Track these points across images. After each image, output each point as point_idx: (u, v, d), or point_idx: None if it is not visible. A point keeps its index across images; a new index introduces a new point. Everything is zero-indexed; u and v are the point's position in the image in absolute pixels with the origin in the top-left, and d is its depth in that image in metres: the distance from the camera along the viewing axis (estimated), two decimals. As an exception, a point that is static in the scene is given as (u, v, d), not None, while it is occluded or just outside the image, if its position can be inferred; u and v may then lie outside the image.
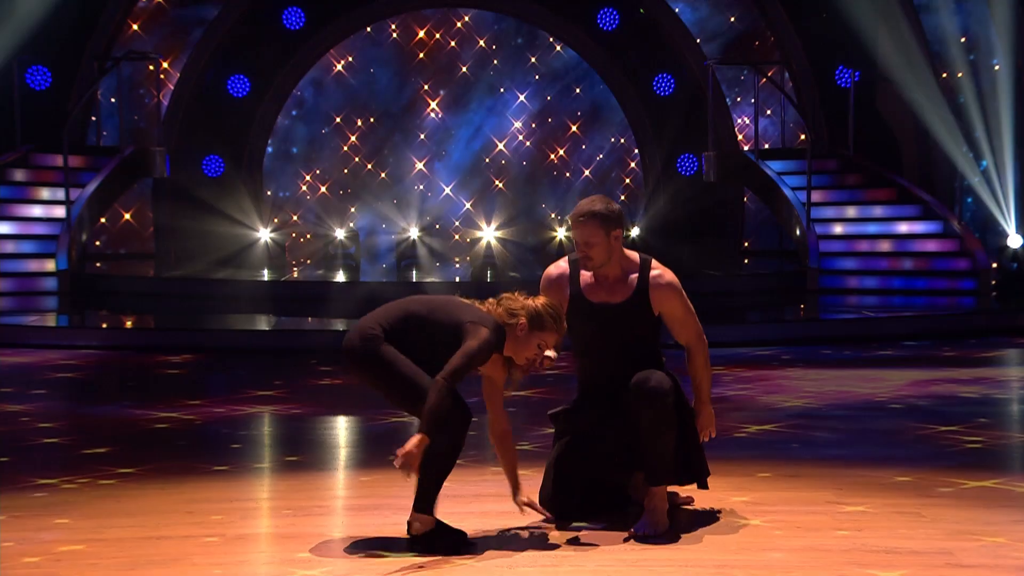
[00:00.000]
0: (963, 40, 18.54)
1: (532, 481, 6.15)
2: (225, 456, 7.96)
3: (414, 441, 5.36)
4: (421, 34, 21.12)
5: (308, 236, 20.95)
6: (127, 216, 20.19)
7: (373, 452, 8.18)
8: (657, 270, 6.10)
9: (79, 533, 5.95)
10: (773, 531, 5.89)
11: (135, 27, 19.83)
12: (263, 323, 15.03)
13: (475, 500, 6.54)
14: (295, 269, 19.17)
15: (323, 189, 21.07)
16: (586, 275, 6.08)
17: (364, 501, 6.65)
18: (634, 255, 6.11)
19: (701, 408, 6.17)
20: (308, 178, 21.07)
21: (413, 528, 5.56)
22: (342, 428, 9.20)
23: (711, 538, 5.79)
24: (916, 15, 18.37)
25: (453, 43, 21.20)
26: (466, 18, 21.06)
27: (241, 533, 5.95)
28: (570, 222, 6.11)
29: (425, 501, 5.52)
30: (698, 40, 19.93)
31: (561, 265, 6.18)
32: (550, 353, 5.83)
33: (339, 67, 21.02)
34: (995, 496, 6.63)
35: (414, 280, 17.55)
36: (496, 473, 7.19)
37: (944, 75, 18.26)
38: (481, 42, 21.14)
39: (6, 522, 6.21)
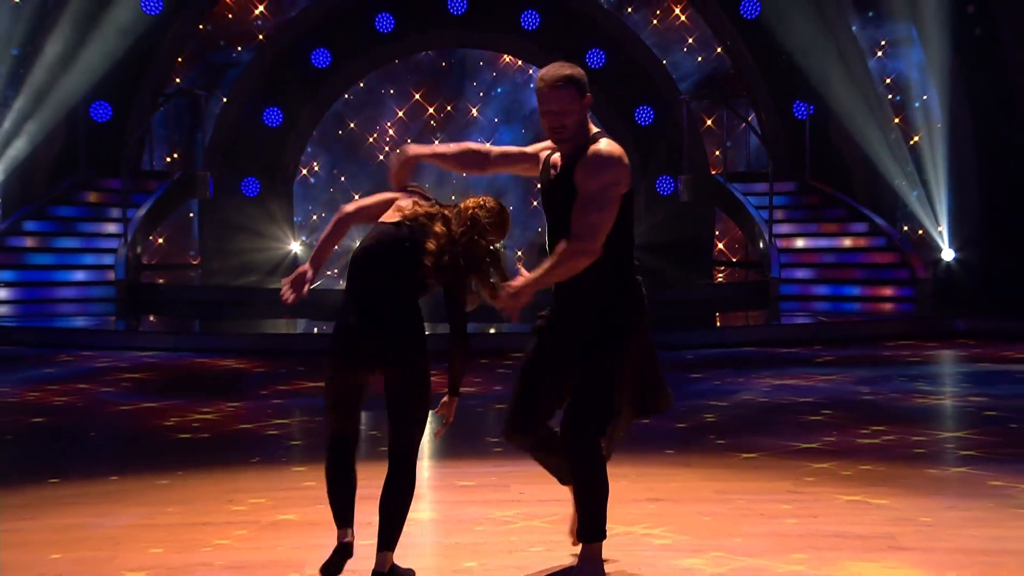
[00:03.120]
0: (893, 81, 18.64)
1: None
2: (265, 450, 7.96)
3: (454, 406, 4.80)
4: (430, 72, 21.19)
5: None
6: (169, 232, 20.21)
7: (386, 444, 8.16)
8: (601, 144, 4.62)
9: (134, 519, 5.95)
10: (740, 518, 5.89)
11: (179, 59, 19.87)
12: (300, 327, 14.97)
13: (478, 490, 6.54)
14: (326, 274, 19.14)
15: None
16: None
17: (380, 491, 6.63)
18: (593, 127, 4.76)
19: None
20: (333, 194, 21.09)
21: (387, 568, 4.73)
22: (362, 422, 9.18)
23: (684, 524, 5.79)
24: (864, 58, 18.43)
25: (459, 80, 21.27)
26: (480, 62, 21.13)
27: (275, 520, 5.94)
28: (538, 91, 4.66)
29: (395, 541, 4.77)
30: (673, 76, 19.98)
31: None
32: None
33: (358, 100, 21.07)
34: (931, 485, 6.64)
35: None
36: (497, 465, 7.19)
37: (897, 120, 18.33)
38: (485, 78, 21.19)
39: (73, 507, 6.22)
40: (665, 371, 4.94)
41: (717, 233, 20.68)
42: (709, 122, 20.38)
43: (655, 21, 20.49)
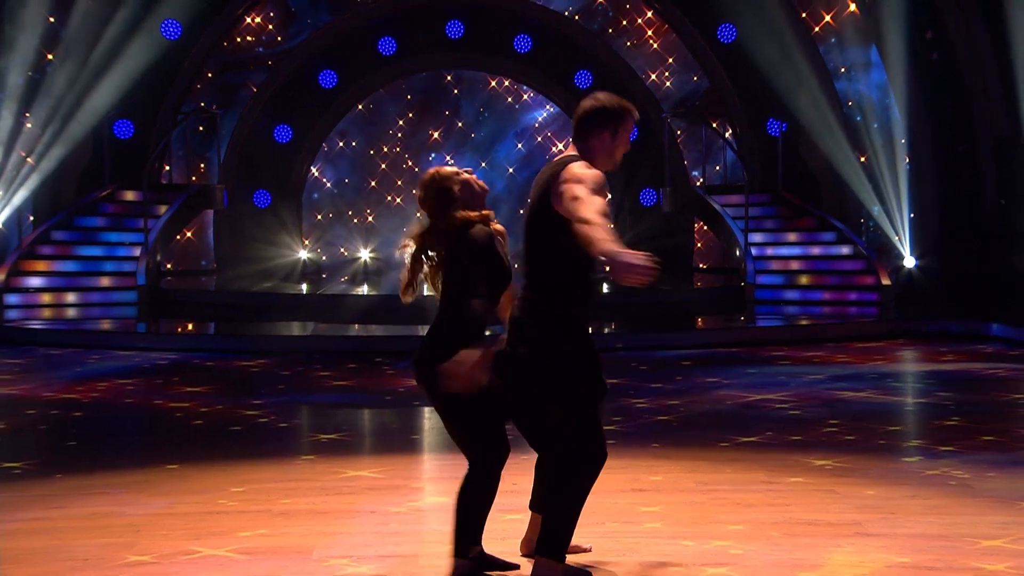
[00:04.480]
0: (856, 102, 18.68)
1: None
2: (274, 443, 7.94)
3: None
4: (429, 91, 21.19)
5: (344, 252, 20.93)
6: (189, 235, 20.17)
7: (390, 438, 8.16)
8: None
9: (155, 508, 5.95)
10: (718, 507, 5.89)
11: (197, 85, 19.86)
12: (310, 329, 14.90)
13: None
14: (341, 281, 19.07)
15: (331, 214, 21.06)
16: None
17: (383, 481, 6.63)
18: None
19: None
20: (338, 205, 21.08)
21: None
22: (367, 418, 9.18)
23: (667, 512, 5.79)
24: (830, 80, 18.46)
25: (456, 100, 21.26)
26: (480, 84, 21.14)
27: (285, 509, 5.93)
28: (628, 116, 4.76)
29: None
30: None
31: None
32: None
33: (361, 118, 21.05)
34: (894, 476, 6.64)
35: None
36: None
37: (856, 134, 18.40)
38: (481, 98, 21.20)
39: (98, 497, 6.20)
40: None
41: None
42: (678, 142, 20.38)
43: (628, 45, 20.50)
